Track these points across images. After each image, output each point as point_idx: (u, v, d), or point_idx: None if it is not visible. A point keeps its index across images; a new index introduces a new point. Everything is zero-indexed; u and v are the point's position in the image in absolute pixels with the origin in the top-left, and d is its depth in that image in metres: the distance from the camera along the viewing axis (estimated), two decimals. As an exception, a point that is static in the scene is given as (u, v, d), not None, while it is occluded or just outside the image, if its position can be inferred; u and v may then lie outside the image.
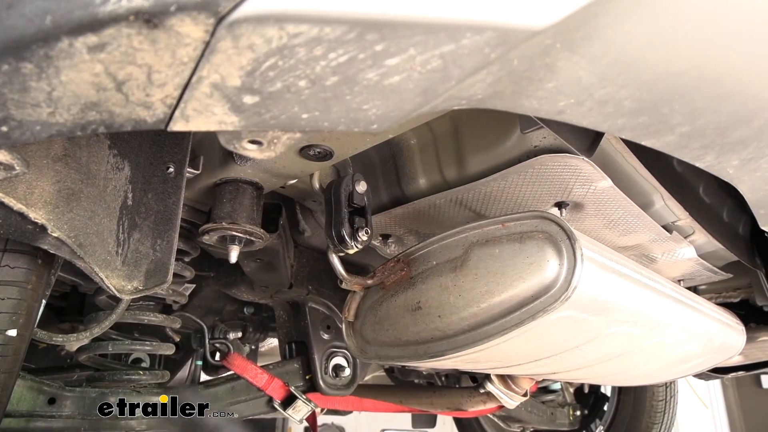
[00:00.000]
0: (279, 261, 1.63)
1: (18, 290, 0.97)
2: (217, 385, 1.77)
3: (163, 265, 1.08)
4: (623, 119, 0.76)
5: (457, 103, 0.67)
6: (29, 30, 0.46)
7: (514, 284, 1.11)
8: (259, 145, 0.69)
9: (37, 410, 1.37)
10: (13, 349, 0.97)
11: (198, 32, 0.48)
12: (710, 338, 1.77)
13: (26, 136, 0.56)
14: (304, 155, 1.06)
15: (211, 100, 0.55)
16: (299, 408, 1.79)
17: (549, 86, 0.67)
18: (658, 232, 1.52)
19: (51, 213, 0.87)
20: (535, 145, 1.18)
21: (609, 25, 0.60)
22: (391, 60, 0.54)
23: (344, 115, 0.60)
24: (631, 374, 1.93)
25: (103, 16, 0.46)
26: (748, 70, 0.72)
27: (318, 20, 0.48)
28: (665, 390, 3.09)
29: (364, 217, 1.23)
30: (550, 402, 3.33)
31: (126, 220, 1.02)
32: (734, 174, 0.96)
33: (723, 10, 0.62)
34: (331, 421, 6.32)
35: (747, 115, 0.80)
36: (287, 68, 0.53)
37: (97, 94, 0.53)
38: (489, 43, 0.55)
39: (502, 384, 2.33)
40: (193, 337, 2.33)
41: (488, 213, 1.43)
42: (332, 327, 2.00)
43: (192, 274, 1.60)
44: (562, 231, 1.09)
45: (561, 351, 1.36)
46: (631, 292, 1.26)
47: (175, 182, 1.11)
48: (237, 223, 1.20)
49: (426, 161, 1.39)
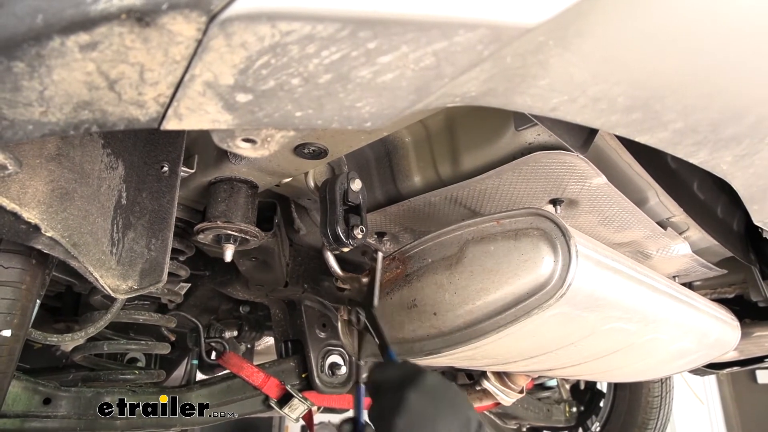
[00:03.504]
0: (274, 259, 1.62)
1: (12, 290, 0.96)
2: (213, 384, 1.77)
3: (157, 264, 1.07)
4: (617, 116, 0.77)
5: (451, 101, 0.67)
6: (20, 29, 0.46)
7: (509, 281, 1.11)
8: (252, 143, 0.69)
9: (33, 410, 1.36)
10: (8, 349, 0.97)
11: (190, 30, 0.48)
12: (705, 334, 1.78)
13: (19, 135, 0.55)
14: (299, 153, 1.06)
15: (204, 98, 0.55)
16: (295, 406, 1.80)
17: (542, 83, 0.67)
18: (652, 229, 1.53)
19: (44, 213, 0.87)
20: (529, 143, 1.18)
21: (601, 22, 0.60)
22: (383, 57, 0.54)
23: (337, 112, 0.60)
24: (627, 370, 1.93)
25: (94, 14, 0.46)
26: (740, 66, 0.72)
27: (310, 18, 0.48)
28: (661, 386, 3.10)
29: (359, 215, 1.23)
30: (546, 399, 3.34)
31: (120, 220, 1.02)
32: (728, 170, 0.97)
33: (714, 7, 0.62)
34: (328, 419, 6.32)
35: (739, 112, 0.80)
36: (280, 66, 0.53)
37: (89, 93, 0.53)
38: (482, 41, 0.55)
39: (498, 381, 2.34)
40: (189, 336, 2.32)
41: (483, 210, 1.43)
42: (328, 325, 2.00)
43: (187, 273, 1.59)
44: (557, 228, 1.10)
45: (557, 347, 1.36)
46: (626, 288, 1.27)
47: (170, 181, 1.11)
48: (232, 221, 1.20)
49: (421, 159, 1.39)
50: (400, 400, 0.94)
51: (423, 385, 0.96)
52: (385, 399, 0.98)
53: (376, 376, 1.04)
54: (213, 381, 1.80)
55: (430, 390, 0.95)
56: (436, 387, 0.96)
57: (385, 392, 0.99)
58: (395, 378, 1.00)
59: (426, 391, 0.95)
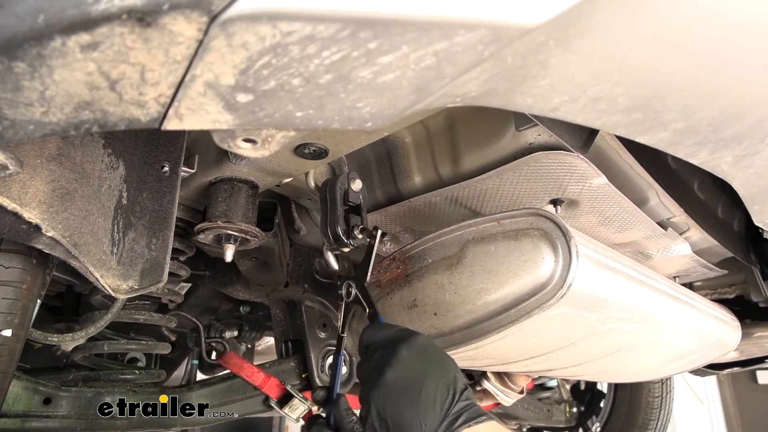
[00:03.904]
0: (275, 259, 1.62)
1: (13, 290, 0.96)
2: (214, 384, 1.77)
3: (158, 264, 1.07)
4: (617, 116, 0.77)
5: (452, 101, 0.67)
6: (21, 29, 0.46)
7: (509, 281, 1.11)
8: (253, 143, 0.69)
9: (33, 410, 1.36)
10: (8, 349, 0.97)
11: (191, 31, 0.48)
12: (705, 334, 1.78)
13: (19, 135, 0.55)
14: (299, 154, 1.06)
15: (205, 98, 0.55)
16: (296, 407, 1.79)
17: (543, 83, 0.67)
18: (653, 229, 1.53)
19: (45, 212, 0.87)
20: (529, 143, 1.18)
21: (601, 22, 0.60)
22: (384, 58, 0.54)
23: (338, 113, 0.60)
24: (627, 371, 1.93)
25: (95, 14, 0.46)
26: (741, 66, 0.72)
27: (311, 18, 0.48)
28: (661, 386, 3.10)
29: (359, 215, 1.23)
30: (547, 399, 3.34)
31: (121, 220, 1.02)
32: (728, 170, 0.97)
33: (714, 7, 0.62)
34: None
35: (740, 112, 0.80)
36: (281, 66, 0.53)
37: (90, 93, 0.53)
38: (482, 41, 0.55)
39: (498, 381, 2.34)
40: (189, 336, 2.33)
41: (483, 210, 1.43)
42: (328, 325, 2.00)
43: (187, 273, 1.59)
44: (558, 228, 1.10)
45: (557, 348, 1.36)
46: (626, 288, 1.27)
47: (170, 181, 1.11)
48: (232, 221, 1.20)
49: (421, 159, 1.39)
50: (391, 354, 0.97)
51: (414, 344, 1.00)
52: (376, 354, 1.01)
53: (370, 335, 1.07)
54: (213, 381, 1.80)
55: (420, 348, 0.99)
56: (426, 346, 1.00)
57: (376, 348, 1.03)
58: (388, 336, 1.04)
59: (417, 349, 0.99)
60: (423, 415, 0.90)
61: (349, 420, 1.06)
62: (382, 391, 0.94)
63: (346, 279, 1.23)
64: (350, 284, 1.23)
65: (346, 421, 1.06)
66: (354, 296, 1.22)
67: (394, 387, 0.93)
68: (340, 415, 1.07)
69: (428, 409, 0.90)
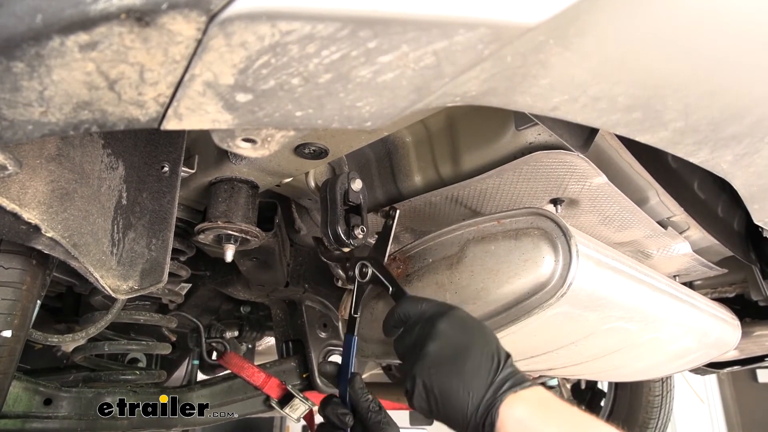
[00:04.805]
0: (275, 259, 1.62)
1: (13, 291, 0.96)
2: (214, 385, 1.77)
3: (158, 264, 1.07)
4: (617, 115, 0.77)
5: (451, 100, 0.67)
6: (20, 29, 0.46)
7: (509, 281, 1.11)
8: (253, 143, 0.69)
9: (33, 411, 1.37)
10: (9, 350, 0.97)
11: (190, 30, 0.48)
12: (706, 333, 1.77)
13: (18, 135, 0.55)
14: (299, 153, 1.06)
15: (204, 98, 0.55)
16: (296, 406, 1.79)
17: (543, 83, 0.67)
18: (653, 228, 1.52)
19: (44, 213, 0.87)
20: (530, 142, 1.18)
21: (601, 21, 0.60)
22: (384, 57, 0.54)
23: (338, 112, 0.60)
24: (628, 369, 1.93)
25: (94, 14, 0.46)
26: (741, 66, 0.72)
27: (310, 17, 0.48)
28: (662, 385, 3.10)
29: (359, 215, 1.23)
30: (547, 398, 3.33)
31: (121, 220, 1.02)
32: (728, 169, 0.97)
33: (714, 7, 0.62)
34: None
35: (740, 111, 0.80)
36: (280, 66, 0.53)
37: (89, 93, 0.53)
38: (482, 40, 0.55)
39: (499, 381, 2.33)
40: (190, 336, 2.32)
41: (484, 210, 1.43)
42: (329, 325, 2.00)
43: (188, 274, 1.59)
44: (558, 227, 1.10)
45: (557, 347, 1.36)
46: (626, 288, 1.27)
47: (170, 181, 1.11)
48: (232, 222, 1.20)
49: (421, 158, 1.39)
50: (432, 327, 0.98)
51: (454, 317, 1.00)
52: (416, 328, 1.02)
53: (406, 309, 1.07)
54: (214, 381, 1.80)
55: (460, 320, 1.00)
56: (465, 319, 1.01)
57: (415, 323, 1.04)
58: (426, 310, 1.05)
59: (457, 321, 1.00)
60: (469, 384, 0.91)
61: (365, 399, 1.07)
62: (427, 363, 0.95)
63: (359, 260, 1.23)
64: (365, 264, 1.23)
65: (362, 399, 1.07)
66: (371, 276, 1.22)
67: (438, 359, 0.95)
68: (355, 394, 1.08)
69: (474, 378, 0.91)
